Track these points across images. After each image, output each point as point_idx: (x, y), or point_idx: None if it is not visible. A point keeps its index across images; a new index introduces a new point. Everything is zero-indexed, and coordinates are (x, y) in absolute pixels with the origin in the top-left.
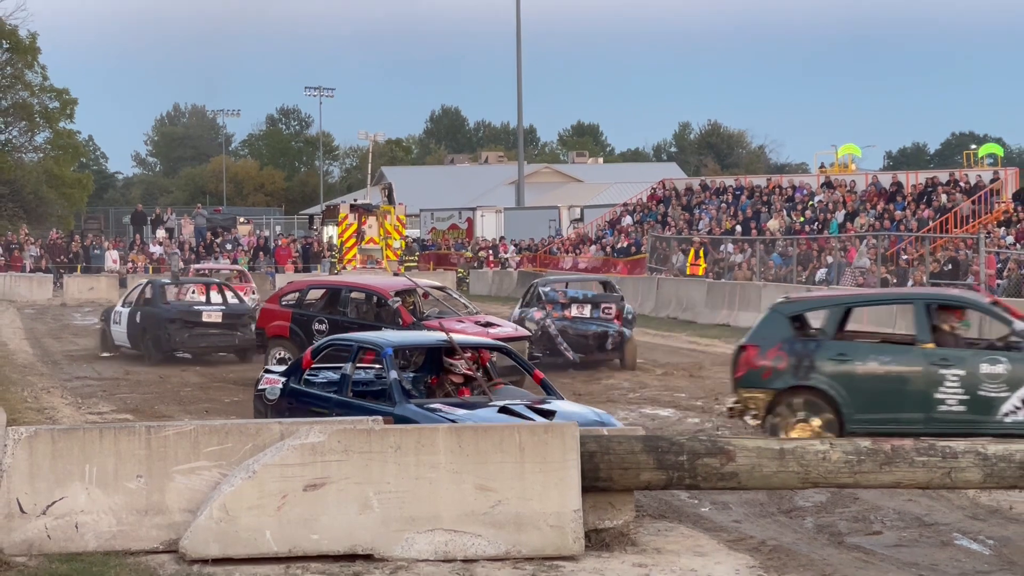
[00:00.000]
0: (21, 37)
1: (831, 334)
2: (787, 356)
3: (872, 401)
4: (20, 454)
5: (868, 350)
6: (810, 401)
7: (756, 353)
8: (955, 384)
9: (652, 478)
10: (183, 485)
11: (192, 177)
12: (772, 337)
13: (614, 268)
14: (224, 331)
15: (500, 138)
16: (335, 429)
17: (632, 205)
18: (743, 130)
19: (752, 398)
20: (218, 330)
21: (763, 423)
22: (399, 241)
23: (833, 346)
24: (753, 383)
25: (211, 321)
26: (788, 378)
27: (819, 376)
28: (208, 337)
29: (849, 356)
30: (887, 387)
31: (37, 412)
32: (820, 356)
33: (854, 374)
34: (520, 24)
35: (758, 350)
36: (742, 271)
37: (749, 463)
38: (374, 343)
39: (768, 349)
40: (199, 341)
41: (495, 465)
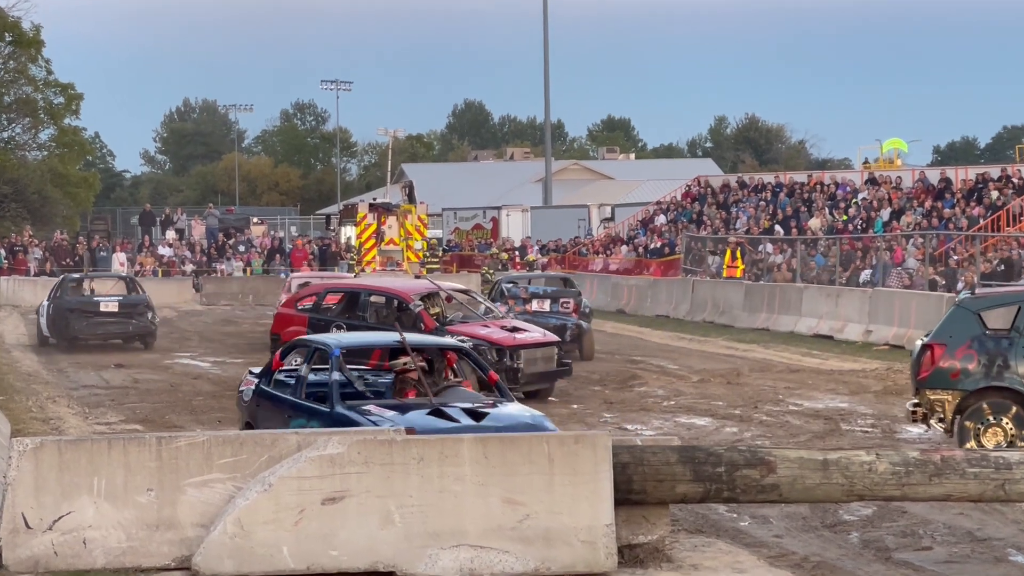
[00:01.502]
0: (24, 30)
1: None
2: (977, 355)
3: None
4: (25, 466)
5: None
6: (1003, 403)
7: (943, 352)
8: None
9: (688, 490)
10: (196, 499)
11: (203, 175)
12: (960, 335)
13: (647, 270)
14: (120, 319)
15: (526, 133)
16: (355, 440)
17: (665, 203)
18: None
19: (939, 400)
20: (114, 318)
21: (950, 427)
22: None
23: None
24: (940, 384)
25: (107, 310)
26: (979, 379)
27: (1014, 376)
28: (105, 325)
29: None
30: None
31: (42, 422)
32: (1015, 355)
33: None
34: (547, 13)
35: (945, 349)
36: (782, 272)
37: (791, 475)
38: (325, 344)
39: (956, 348)
40: (96, 329)
41: (523, 477)
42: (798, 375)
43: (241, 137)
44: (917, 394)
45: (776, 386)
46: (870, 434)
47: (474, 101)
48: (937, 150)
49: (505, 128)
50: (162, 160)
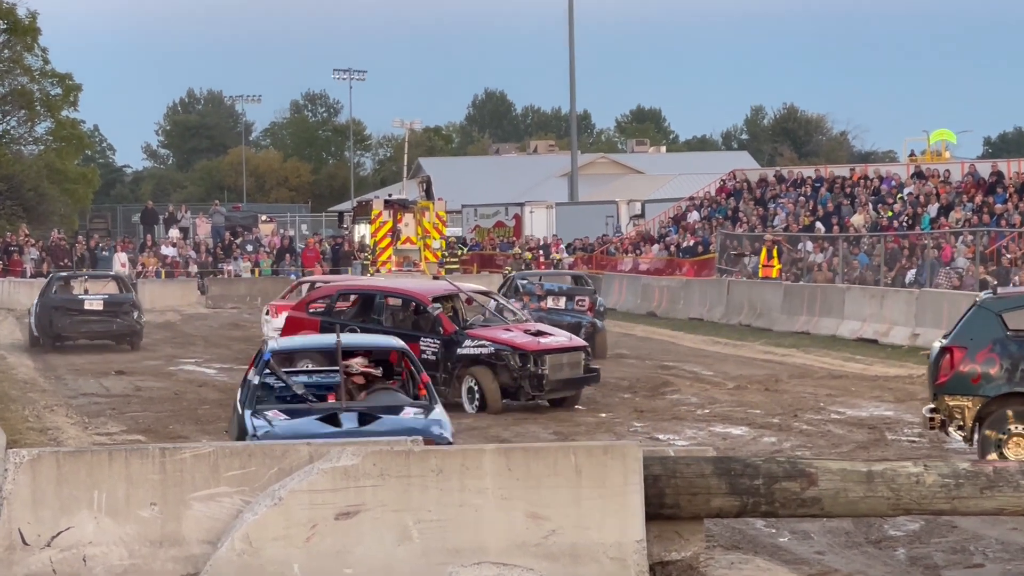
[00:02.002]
0: (19, 17)
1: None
2: (1000, 359)
3: None
4: (22, 479)
5: None
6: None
7: (963, 356)
8: None
9: (724, 504)
10: (202, 513)
11: (208, 170)
12: (982, 337)
13: (679, 270)
14: (104, 318)
15: (551, 125)
16: (370, 451)
17: (699, 199)
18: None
19: (958, 407)
20: (98, 317)
21: (970, 435)
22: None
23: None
24: (960, 390)
25: (92, 309)
26: (1002, 384)
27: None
28: (89, 324)
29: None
30: None
31: (40, 433)
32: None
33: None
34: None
35: (965, 352)
36: (822, 272)
37: (833, 487)
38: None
39: (978, 351)
40: (80, 327)
41: (548, 490)
42: (840, 381)
43: (248, 130)
44: (935, 400)
45: (817, 393)
46: (917, 444)
47: (495, 91)
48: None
49: (528, 119)
50: (165, 154)
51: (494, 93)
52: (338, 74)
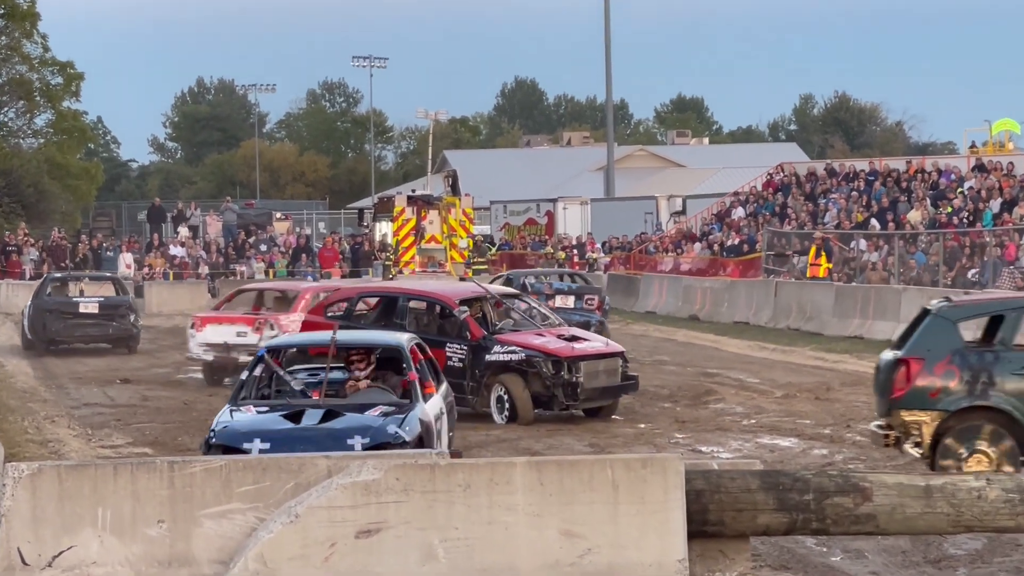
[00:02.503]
0: (17, 2)
1: (1011, 344)
2: (959, 371)
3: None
4: (21, 495)
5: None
6: (988, 425)
7: (920, 368)
8: None
9: (772, 521)
10: (213, 531)
11: (219, 165)
12: (939, 348)
13: (723, 270)
14: (100, 321)
15: (585, 115)
16: (392, 464)
17: (744, 194)
18: (877, 103)
19: (915, 422)
20: (94, 320)
21: (929, 452)
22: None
23: (1015, 358)
24: (917, 404)
25: (87, 312)
26: (962, 398)
27: (1000, 394)
28: (84, 327)
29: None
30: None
31: (40, 445)
32: (1001, 370)
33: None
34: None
35: (923, 364)
36: (877, 272)
37: (889, 503)
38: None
39: (936, 363)
40: (74, 331)
41: (583, 506)
42: None
43: (262, 121)
44: (888, 415)
45: (871, 402)
46: None
47: (526, 79)
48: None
49: (561, 110)
50: (173, 148)
51: (524, 81)
52: (358, 61)
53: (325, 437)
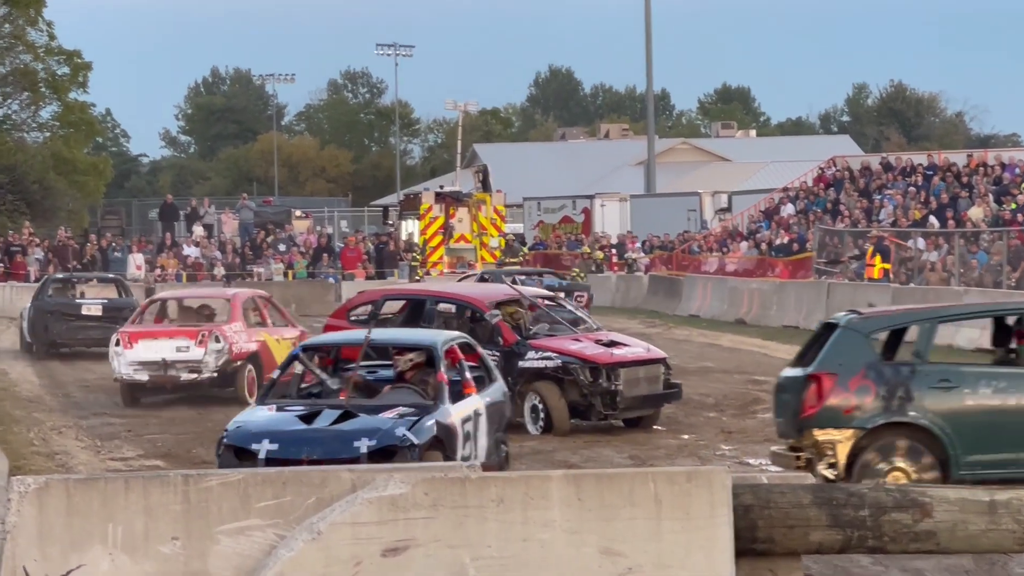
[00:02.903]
0: None
1: (926, 356)
2: (875, 386)
3: (987, 439)
4: (27, 511)
5: (978, 375)
6: (907, 442)
7: (832, 384)
8: None
9: (825, 539)
10: (230, 549)
11: (235, 160)
12: (852, 363)
13: (772, 270)
14: (104, 324)
15: (624, 107)
16: (421, 478)
17: (794, 190)
18: (935, 93)
19: (828, 441)
20: (97, 323)
21: (844, 473)
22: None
23: (933, 371)
24: (830, 422)
25: (90, 314)
26: (878, 414)
27: (918, 410)
28: (86, 330)
29: (954, 383)
30: (1006, 420)
31: (47, 458)
32: (918, 384)
33: (962, 406)
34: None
35: (835, 380)
36: (936, 273)
37: (950, 519)
38: None
39: (849, 378)
40: (76, 333)
41: (624, 522)
42: None
43: (280, 113)
44: (800, 434)
45: None
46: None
47: (561, 68)
48: None
49: (598, 100)
50: (186, 142)
51: (559, 70)
52: (382, 49)
53: (332, 439)
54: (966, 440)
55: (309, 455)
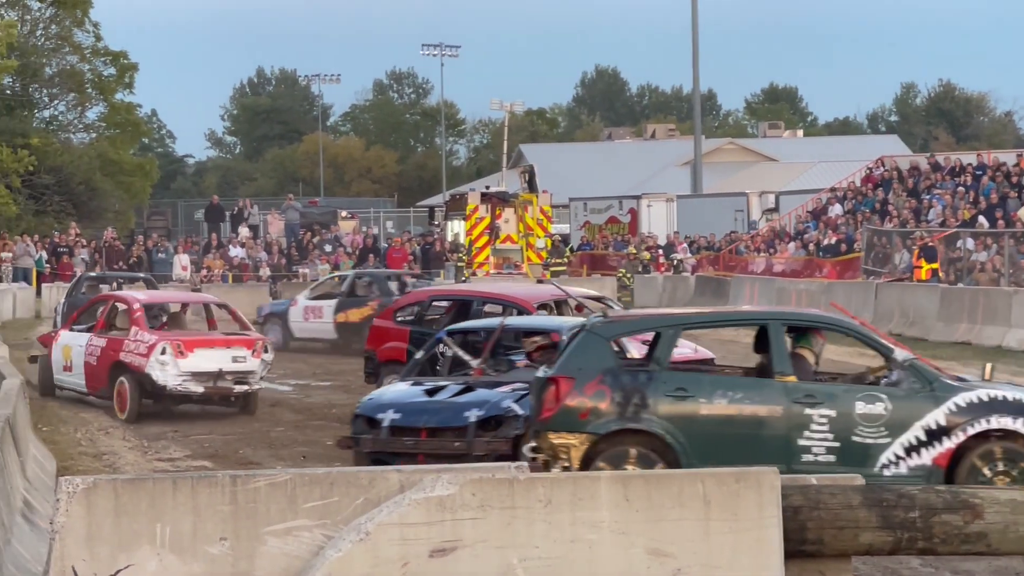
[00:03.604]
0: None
1: (665, 363)
2: (611, 391)
3: (718, 448)
4: (76, 511)
5: (714, 384)
6: (640, 449)
7: (570, 388)
8: (823, 428)
9: (875, 540)
10: (277, 550)
11: (281, 160)
12: (591, 367)
13: (819, 271)
14: None
15: (671, 107)
16: (468, 479)
17: (842, 190)
18: (985, 92)
19: (563, 445)
20: None
21: None
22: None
23: (670, 379)
24: (565, 426)
25: None
26: (612, 420)
27: (652, 417)
28: None
29: (690, 391)
30: (738, 431)
31: (94, 458)
32: (654, 391)
33: (696, 415)
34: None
35: (572, 384)
36: (985, 273)
37: (1002, 521)
38: None
39: (586, 382)
40: None
41: (672, 523)
42: None
43: (326, 114)
44: (537, 437)
45: None
46: None
47: (607, 68)
48: None
49: (645, 100)
50: (231, 143)
51: (606, 70)
52: (427, 50)
53: (447, 410)
54: (698, 449)
55: (426, 424)
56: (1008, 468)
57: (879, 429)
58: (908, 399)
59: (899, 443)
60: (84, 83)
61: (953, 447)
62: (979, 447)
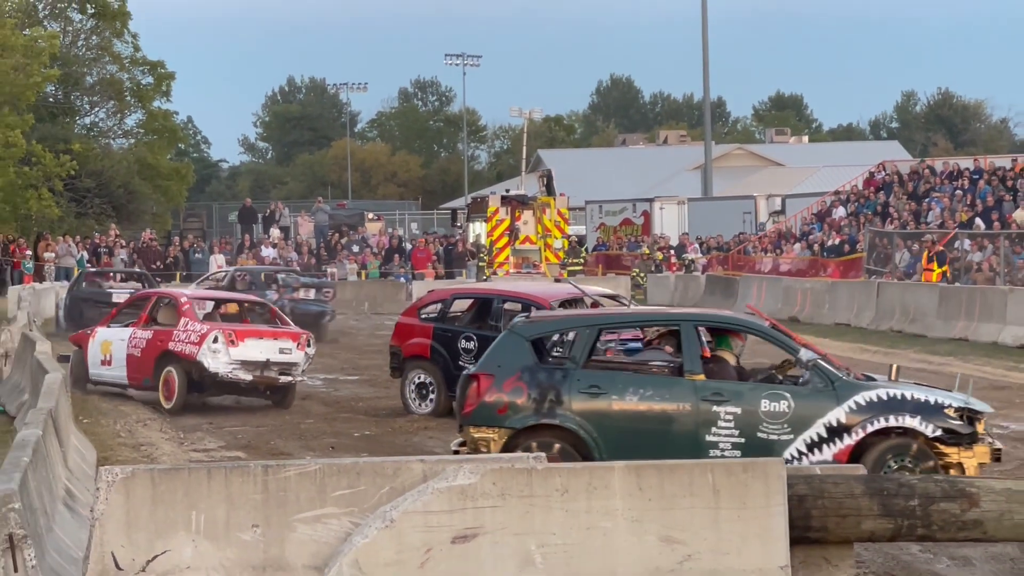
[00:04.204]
0: (108, 1)
1: (581, 362)
2: (528, 388)
3: (630, 444)
4: (115, 499)
5: (627, 382)
6: (555, 443)
7: (490, 384)
8: (729, 425)
9: (876, 527)
10: (307, 536)
11: (310, 165)
12: (510, 364)
13: (824, 270)
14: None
15: (682, 114)
16: (489, 469)
17: (845, 193)
18: (981, 100)
19: (484, 439)
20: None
21: None
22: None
23: (584, 376)
24: (485, 420)
25: (119, 302)
26: (529, 415)
27: (566, 413)
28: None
29: (604, 389)
30: (648, 427)
31: (132, 449)
32: (568, 388)
33: (609, 411)
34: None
35: (492, 380)
36: (982, 273)
37: (997, 509)
38: None
39: (505, 379)
40: None
41: (683, 511)
42: (1003, 393)
43: (354, 121)
44: (461, 431)
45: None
46: None
47: (621, 77)
48: None
49: (657, 108)
50: (263, 148)
51: (620, 79)
52: (450, 59)
53: None
54: (609, 444)
55: None
56: (906, 464)
57: (783, 426)
58: (811, 397)
59: (801, 440)
60: (123, 91)
61: (852, 444)
62: (879, 444)
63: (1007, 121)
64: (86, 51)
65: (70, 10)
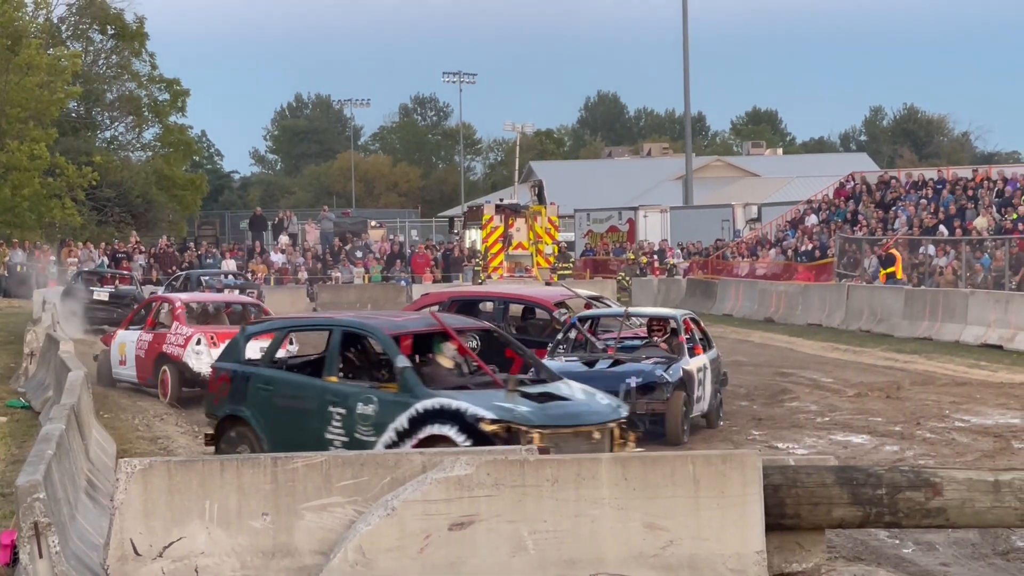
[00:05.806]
0: (127, 22)
1: (267, 361)
2: (231, 383)
3: (283, 437)
4: (134, 489)
5: (285, 381)
6: (243, 432)
7: (214, 378)
8: (339, 424)
9: (846, 515)
10: (314, 524)
11: (317, 176)
12: (228, 361)
13: (797, 274)
14: (109, 307)
15: (664, 127)
16: (484, 460)
17: (817, 202)
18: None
19: (212, 426)
20: (104, 306)
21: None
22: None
23: (263, 375)
24: (212, 409)
25: (99, 299)
26: (227, 406)
27: (246, 406)
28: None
29: (271, 386)
30: (293, 423)
31: (150, 442)
32: (252, 384)
33: (271, 405)
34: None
35: (215, 374)
36: (945, 276)
37: (959, 497)
38: None
39: (222, 374)
40: (90, 314)
41: (666, 500)
42: (965, 388)
43: (357, 134)
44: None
45: (940, 400)
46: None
47: (608, 93)
48: None
49: (641, 122)
50: (273, 160)
51: (607, 95)
52: (448, 77)
53: (610, 377)
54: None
55: None
56: None
57: (369, 428)
58: (391, 403)
59: (381, 442)
60: (141, 107)
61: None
62: None
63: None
64: (106, 69)
65: (91, 31)
